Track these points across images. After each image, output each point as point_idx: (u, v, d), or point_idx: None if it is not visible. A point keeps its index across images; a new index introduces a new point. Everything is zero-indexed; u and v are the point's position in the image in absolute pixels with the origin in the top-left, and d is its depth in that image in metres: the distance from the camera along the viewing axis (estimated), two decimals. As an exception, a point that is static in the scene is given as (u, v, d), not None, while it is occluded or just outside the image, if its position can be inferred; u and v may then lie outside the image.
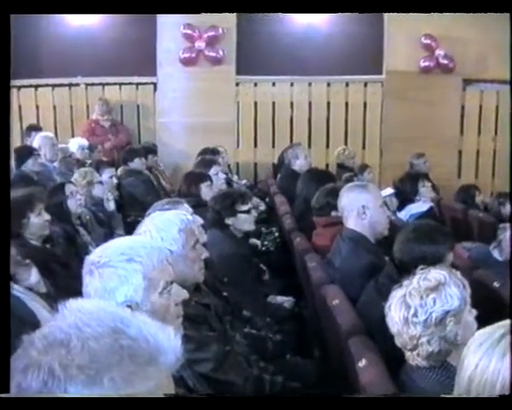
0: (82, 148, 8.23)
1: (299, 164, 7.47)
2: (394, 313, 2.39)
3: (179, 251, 2.80)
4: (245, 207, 4.67)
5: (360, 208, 3.91)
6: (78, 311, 1.09)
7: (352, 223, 3.95)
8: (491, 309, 2.58)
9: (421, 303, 2.33)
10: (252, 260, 4.92)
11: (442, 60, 9.82)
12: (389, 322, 2.43)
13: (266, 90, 10.02)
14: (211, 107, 9.69)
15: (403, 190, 6.72)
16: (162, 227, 2.80)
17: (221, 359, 2.87)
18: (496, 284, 3.74)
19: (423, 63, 9.88)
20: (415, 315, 2.33)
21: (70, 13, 7.74)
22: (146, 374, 1.04)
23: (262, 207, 7.24)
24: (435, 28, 9.61)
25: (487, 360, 1.79)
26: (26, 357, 1.03)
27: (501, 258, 4.78)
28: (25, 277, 3.41)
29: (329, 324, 3.44)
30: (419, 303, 2.34)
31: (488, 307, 2.60)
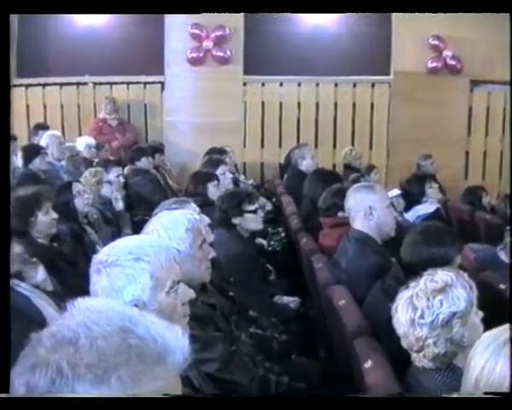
0: (89, 147, 8.24)
1: (305, 164, 7.46)
2: (401, 315, 2.39)
3: (186, 251, 2.80)
4: (252, 206, 4.67)
5: (367, 209, 3.90)
6: (86, 309, 1.09)
7: (359, 224, 3.94)
8: (497, 311, 2.57)
9: (427, 305, 2.33)
10: (258, 260, 4.92)
11: (450, 61, 9.79)
12: (395, 323, 2.42)
13: (274, 90, 10.00)
14: (218, 106, 9.69)
15: (410, 192, 6.70)
16: (169, 226, 2.80)
17: (227, 359, 2.86)
18: (502, 286, 3.73)
19: (431, 64, 9.85)
20: (421, 317, 2.33)
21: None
22: (153, 374, 1.04)
23: (268, 207, 7.23)
24: (443, 29, 9.58)
25: (494, 362, 1.79)
26: (34, 355, 1.03)
27: (508, 260, 4.77)
28: (31, 275, 3.42)
29: (335, 324, 3.44)
30: (426, 305, 2.33)
31: (494, 309, 2.59)
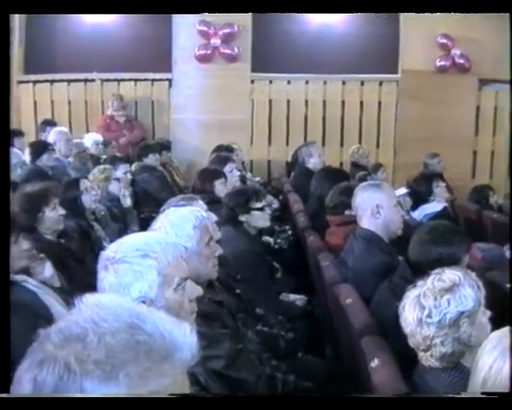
0: (96, 143, 8.26)
1: (313, 162, 7.45)
2: (408, 314, 2.38)
3: (193, 248, 2.80)
4: (259, 204, 4.67)
5: (374, 208, 3.90)
6: (94, 306, 1.08)
7: (366, 222, 3.94)
8: (504, 311, 2.57)
9: (435, 304, 2.32)
10: (265, 257, 4.92)
11: (458, 59, 9.75)
12: (403, 322, 2.42)
13: (281, 87, 9.98)
14: (225, 104, 9.67)
15: (417, 190, 6.69)
16: (177, 223, 2.80)
17: (233, 356, 2.86)
18: (509, 286, 3.72)
19: (439, 63, 9.81)
20: (429, 316, 2.32)
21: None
22: (161, 370, 1.03)
23: (275, 204, 7.22)
24: (451, 28, 9.54)
25: (502, 362, 1.79)
26: (42, 351, 1.03)
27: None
28: (39, 271, 3.44)
29: (342, 323, 3.44)
30: (433, 304, 2.32)
31: (502, 309, 2.59)
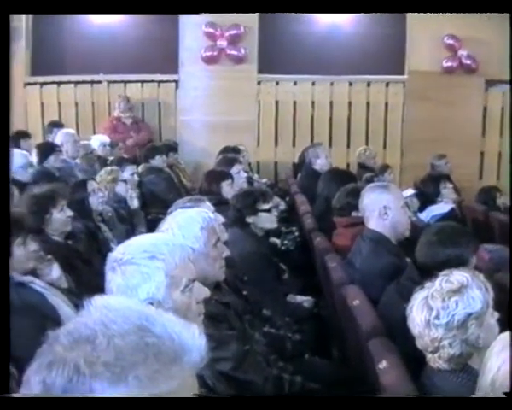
0: (103, 145, 8.26)
1: (319, 163, 7.46)
2: (416, 315, 2.37)
3: (201, 249, 2.80)
4: (266, 205, 4.67)
5: (382, 209, 3.89)
6: (103, 308, 1.08)
7: (374, 223, 3.93)
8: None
9: (443, 305, 2.31)
10: (272, 259, 4.91)
11: (465, 60, 9.73)
12: (410, 324, 2.41)
13: (288, 89, 9.98)
14: (232, 105, 9.68)
15: (424, 191, 6.67)
16: (184, 225, 2.80)
17: (240, 358, 2.86)
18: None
19: (446, 63, 9.79)
20: (437, 317, 2.31)
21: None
22: (170, 373, 1.03)
23: (282, 206, 7.21)
24: (458, 28, 9.53)
25: (510, 363, 1.79)
26: (52, 353, 1.03)
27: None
28: (46, 272, 3.45)
29: (349, 324, 3.43)
30: (441, 305, 2.32)
31: (510, 310, 2.58)
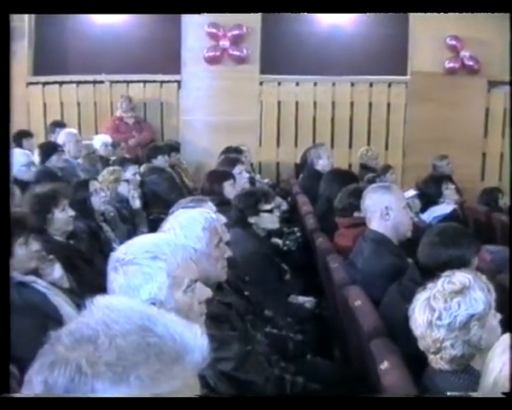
0: (105, 145, 8.26)
1: (321, 164, 7.46)
2: (418, 316, 2.37)
3: (203, 249, 2.80)
4: (268, 206, 4.66)
5: (383, 210, 3.89)
6: (105, 308, 1.08)
7: (375, 224, 3.93)
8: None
9: (445, 306, 2.31)
10: (274, 259, 4.91)
11: (467, 61, 9.73)
12: (412, 325, 2.41)
13: (290, 89, 9.99)
14: (234, 105, 9.68)
15: (426, 192, 6.66)
16: (186, 225, 2.80)
17: (242, 358, 2.86)
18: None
19: (448, 64, 9.79)
20: (439, 318, 2.31)
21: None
22: (172, 373, 1.03)
23: (284, 206, 7.21)
24: (461, 29, 9.54)
25: (510, 364, 1.79)
26: (54, 353, 1.03)
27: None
28: (48, 272, 3.45)
29: (351, 325, 3.43)
30: (443, 306, 2.32)
31: (510, 311, 2.58)
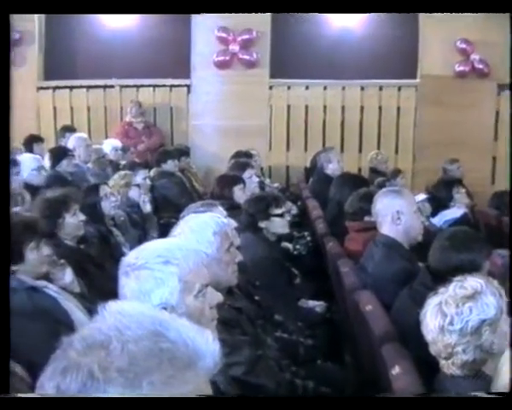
0: (115, 149, 8.28)
1: (331, 168, 7.44)
2: (429, 321, 2.36)
3: (214, 254, 2.80)
4: (278, 210, 4.65)
5: (394, 214, 3.88)
6: (117, 313, 1.08)
7: (386, 228, 3.92)
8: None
9: (457, 311, 2.30)
10: (284, 264, 4.90)
11: (477, 64, 9.70)
12: (424, 330, 2.40)
13: (299, 93, 9.98)
14: (244, 110, 9.69)
15: (437, 196, 6.64)
16: (197, 230, 2.80)
17: (253, 363, 2.85)
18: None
19: (458, 68, 9.76)
20: (450, 323, 2.30)
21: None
22: (184, 378, 1.03)
23: (294, 210, 7.20)
24: (471, 32, 9.52)
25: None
26: (66, 358, 1.03)
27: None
28: (59, 276, 3.46)
29: (362, 329, 3.42)
30: (455, 311, 2.30)
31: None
